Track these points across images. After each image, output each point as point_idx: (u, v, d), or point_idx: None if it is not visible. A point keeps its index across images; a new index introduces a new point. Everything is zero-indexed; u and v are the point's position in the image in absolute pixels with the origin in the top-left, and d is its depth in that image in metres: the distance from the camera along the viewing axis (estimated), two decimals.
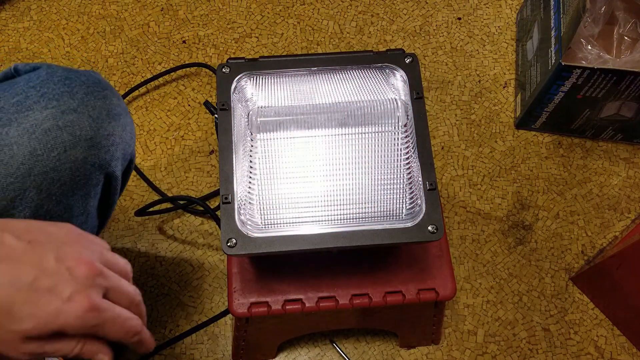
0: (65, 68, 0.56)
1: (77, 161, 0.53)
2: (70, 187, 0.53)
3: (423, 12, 1.19)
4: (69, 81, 0.54)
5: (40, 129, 0.51)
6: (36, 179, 0.51)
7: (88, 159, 0.54)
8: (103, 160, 0.56)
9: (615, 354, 0.89)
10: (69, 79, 0.54)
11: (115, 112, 0.57)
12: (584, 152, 1.05)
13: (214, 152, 1.03)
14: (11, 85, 0.54)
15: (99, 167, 0.56)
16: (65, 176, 0.53)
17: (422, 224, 0.60)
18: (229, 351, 0.87)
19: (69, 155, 0.52)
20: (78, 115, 0.53)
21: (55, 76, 0.54)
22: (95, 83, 0.56)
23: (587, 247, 0.97)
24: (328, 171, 0.63)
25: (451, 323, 0.91)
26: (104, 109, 0.55)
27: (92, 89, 0.55)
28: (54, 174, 0.52)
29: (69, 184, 0.53)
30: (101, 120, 0.55)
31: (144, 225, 0.96)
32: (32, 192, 0.51)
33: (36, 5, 1.17)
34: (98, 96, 0.55)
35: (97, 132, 0.54)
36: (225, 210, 0.60)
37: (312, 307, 0.69)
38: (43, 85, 0.53)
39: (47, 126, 0.51)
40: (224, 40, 1.14)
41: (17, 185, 0.50)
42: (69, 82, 0.54)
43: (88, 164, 0.54)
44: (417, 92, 0.65)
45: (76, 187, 0.54)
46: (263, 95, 0.66)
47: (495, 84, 1.11)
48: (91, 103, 0.54)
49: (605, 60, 0.89)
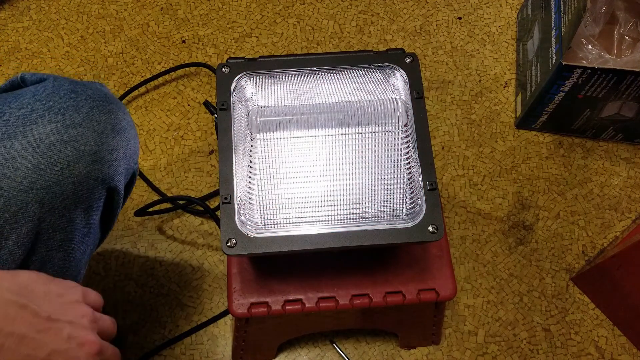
0: (72, 81, 0.56)
1: (80, 176, 0.53)
2: (73, 201, 0.54)
3: (423, 11, 1.19)
4: (75, 95, 0.55)
5: (44, 143, 0.51)
6: (39, 192, 0.51)
7: (91, 173, 0.54)
8: (106, 175, 0.56)
9: (615, 354, 0.89)
10: (75, 92, 0.55)
11: (120, 126, 0.57)
12: (584, 152, 1.04)
13: (213, 152, 1.03)
14: (17, 97, 0.54)
15: (102, 181, 0.56)
16: (68, 190, 0.53)
17: (422, 224, 0.60)
18: (229, 352, 0.87)
19: (73, 170, 0.53)
20: (83, 129, 0.53)
21: (62, 89, 0.54)
22: (101, 97, 0.56)
23: (587, 248, 0.97)
24: (328, 171, 0.63)
25: (451, 323, 0.91)
26: (109, 123, 0.56)
27: (97, 103, 0.55)
28: (57, 188, 0.52)
29: (71, 198, 0.53)
30: (105, 135, 0.55)
31: (144, 226, 0.96)
32: (34, 206, 0.51)
33: (35, 4, 1.17)
34: (103, 110, 0.56)
35: (101, 147, 0.55)
36: (225, 211, 0.60)
37: (312, 307, 0.68)
38: (49, 98, 0.53)
39: (52, 140, 0.52)
40: (223, 39, 1.14)
41: (19, 199, 0.50)
42: (75, 96, 0.54)
43: (91, 179, 0.54)
44: (418, 92, 0.65)
45: (79, 201, 0.54)
46: (263, 95, 0.66)
47: (495, 83, 1.11)
48: (96, 117, 0.55)
49: (605, 60, 0.88)
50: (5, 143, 0.51)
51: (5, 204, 0.50)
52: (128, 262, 0.93)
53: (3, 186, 0.50)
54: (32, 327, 0.44)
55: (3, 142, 0.50)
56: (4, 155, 0.50)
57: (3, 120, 0.52)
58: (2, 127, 0.51)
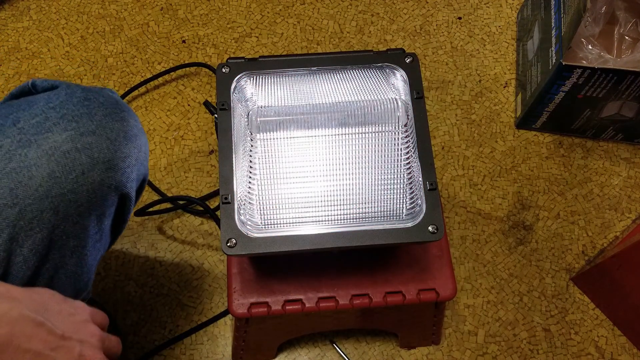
0: (83, 88, 0.57)
1: (94, 183, 0.54)
2: (87, 208, 0.54)
3: (423, 11, 1.19)
4: (88, 102, 0.55)
5: (59, 151, 0.52)
6: (54, 200, 0.51)
7: (105, 181, 0.55)
8: (119, 182, 0.56)
9: (615, 354, 0.89)
10: (88, 99, 0.55)
11: (132, 133, 0.58)
12: (584, 152, 1.04)
13: (213, 152, 1.03)
14: (30, 104, 0.54)
15: (115, 188, 0.56)
16: (82, 198, 0.53)
17: (422, 224, 0.60)
18: (229, 352, 0.87)
19: (87, 178, 0.53)
20: (96, 137, 0.54)
21: (74, 97, 0.55)
22: (113, 104, 0.57)
23: (587, 247, 0.97)
24: (328, 171, 0.63)
25: (451, 323, 0.91)
26: (122, 130, 0.56)
27: (110, 110, 0.56)
28: (72, 195, 0.52)
29: (85, 205, 0.54)
30: (118, 143, 0.55)
31: (144, 226, 0.96)
32: (49, 214, 0.51)
33: (35, 4, 1.17)
34: (116, 118, 0.56)
35: (114, 155, 0.55)
36: (225, 211, 0.60)
37: (312, 307, 0.68)
38: (62, 106, 0.54)
39: (66, 148, 0.52)
40: (223, 39, 1.14)
41: (34, 207, 0.51)
42: (88, 104, 0.55)
43: (105, 186, 0.55)
44: (418, 92, 0.65)
45: (92, 208, 0.55)
46: (263, 95, 0.66)
47: (495, 83, 1.11)
48: (109, 125, 0.55)
49: (606, 60, 0.88)
50: (20, 151, 0.51)
51: (20, 212, 0.50)
52: (128, 262, 0.93)
53: (18, 194, 0.50)
54: (47, 345, 0.45)
55: (18, 151, 0.51)
56: (20, 164, 0.51)
57: (17, 128, 0.52)
58: (17, 135, 0.52)
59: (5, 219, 0.49)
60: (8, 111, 0.54)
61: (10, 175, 0.50)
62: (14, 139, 0.51)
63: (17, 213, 0.50)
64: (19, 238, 0.50)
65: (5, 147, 0.51)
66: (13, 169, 0.50)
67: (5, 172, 0.50)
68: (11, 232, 0.50)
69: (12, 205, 0.50)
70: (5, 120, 0.52)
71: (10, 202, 0.50)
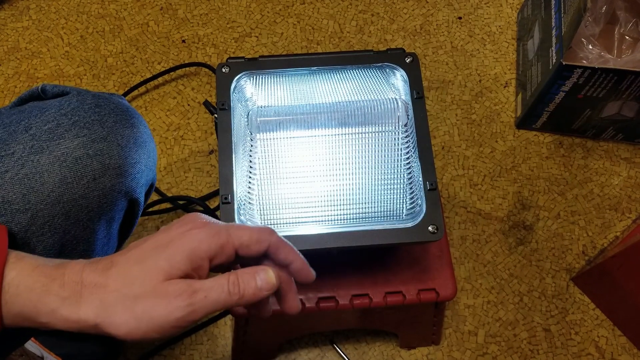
0: (94, 94, 0.58)
1: (105, 189, 0.54)
2: (97, 213, 0.55)
3: (423, 11, 1.19)
4: (99, 109, 0.56)
5: (71, 158, 0.52)
6: (65, 206, 0.52)
7: (115, 186, 0.55)
8: (129, 188, 0.57)
9: (616, 354, 0.89)
10: (99, 106, 0.56)
11: (141, 139, 0.58)
12: (584, 152, 1.04)
13: (213, 152, 1.03)
14: (42, 110, 0.55)
15: (125, 193, 0.57)
16: (93, 203, 0.54)
17: (422, 224, 0.60)
18: (229, 352, 0.87)
19: (98, 184, 0.54)
20: (107, 143, 0.55)
21: (86, 104, 0.56)
22: (124, 111, 0.58)
23: (588, 248, 0.97)
24: (328, 171, 0.63)
25: (451, 323, 0.91)
26: (132, 137, 0.57)
27: (120, 117, 0.57)
28: (83, 201, 0.53)
29: (95, 211, 0.55)
30: (129, 149, 0.56)
31: (144, 226, 0.96)
32: (60, 219, 0.52)
33: (35, 4, 1.17)
34: (126, 124, 0.57)
35: (125, 161, 0.56)
36: (224, 211, 0.60)
37: (312, 307, 0.68)
38: (74, 113, 0.54)
39: (78, 155, 0.53)
40: (223, 39, 1.14)
41: (46, 212, 0.51)
42: (99, 110, 0.56)
43: (115, 192, 0.56)
44: (418, 92, 0.65)
45: (102, 213, 0.55)
46: (263, 95, 0.66)
47: (495, 83, 1.11)
48: (120, 131, 0.56)
49: (606, 59, 0.88)
50: (32, 157, 0.52)
51: (32, 217, 0.51)
52: None
53: (31, 200, 0.51)
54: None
55: (31, 157, 0.52)
56: (32, 170, 0.51)
57: (30, 135, 0.53)
58: (29, 141, 0.52)
59: (18, 224, 0.50)
60: (20, 117, 0.54)
61: (22, 181, 0.51)
62: (26, 145, 0.52)
63: (29, 218, 0.50)
64: (30, 243, 0.51)
65: (17, 154, 0.52)
66: (25, 175, 0.51)
67: (17, 178, 0.51)
68: (23, 237, 0.50)
69: (24, 211, 0.50)
70: (17, 127, 0.53)
71: (22, 208, 0.50)
